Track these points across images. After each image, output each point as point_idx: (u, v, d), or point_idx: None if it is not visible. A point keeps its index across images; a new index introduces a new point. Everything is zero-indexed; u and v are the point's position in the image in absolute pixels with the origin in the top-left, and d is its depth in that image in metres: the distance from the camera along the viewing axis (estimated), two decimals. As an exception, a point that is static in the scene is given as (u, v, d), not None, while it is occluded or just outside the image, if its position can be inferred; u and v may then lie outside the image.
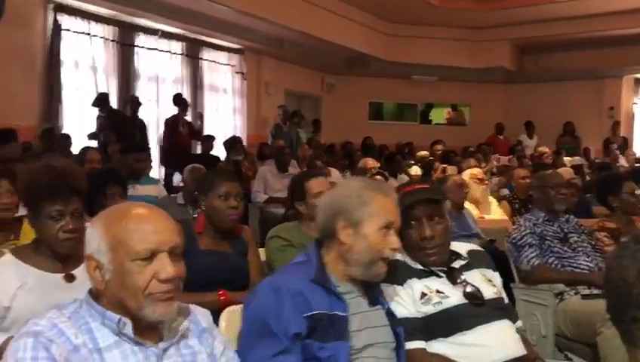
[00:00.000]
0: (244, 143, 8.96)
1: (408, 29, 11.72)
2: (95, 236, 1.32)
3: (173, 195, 5.07)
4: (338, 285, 1.67)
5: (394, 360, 1.72)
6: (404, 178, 6.96)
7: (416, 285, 1.88)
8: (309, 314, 1.57)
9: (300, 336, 1.56)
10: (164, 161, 8.37)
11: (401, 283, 1.86)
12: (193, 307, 1.48)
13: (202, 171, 4.70)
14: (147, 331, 1.33)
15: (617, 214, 3.63)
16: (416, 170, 8.05)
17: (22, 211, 2.92)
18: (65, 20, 7.54)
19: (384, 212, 1.69)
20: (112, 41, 8.20)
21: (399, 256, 1.89)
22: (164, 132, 8.40)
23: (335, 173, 6.71)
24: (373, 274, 1.69)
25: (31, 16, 7.23)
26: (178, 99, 8.52)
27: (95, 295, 1.35)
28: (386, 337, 1.71)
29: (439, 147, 9.62)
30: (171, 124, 8.32)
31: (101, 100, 7.48)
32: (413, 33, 11.72)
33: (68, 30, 7.58)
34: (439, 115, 13.98)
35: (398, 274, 1.85)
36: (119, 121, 7.49)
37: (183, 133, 8.24)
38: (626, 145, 11.37)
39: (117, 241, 1.29)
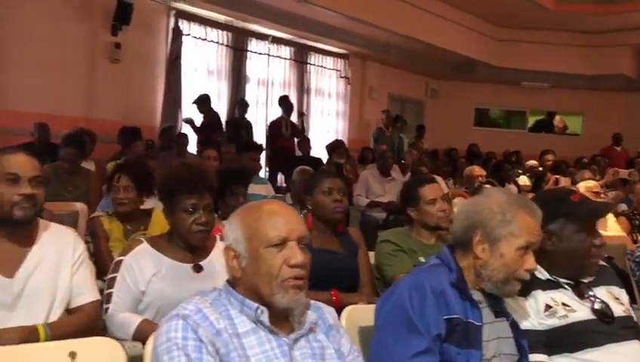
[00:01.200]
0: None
1: (519, 33, 11.31)
2: (233, 228, 1.45)
3: (280, 195, 5.24)
4: (471, 293, 1.66)
5: (516, 373, 1.69)
6: (512, 188, 6.73)
7: (541, 297, 1.83)
8: (448, 316, 1.58)
9: (440, 338, 1.56)
10: (269, 161, 8.64)
11: (525, 295, 1.82)
12: (320, 304, 1.55)
13: (310, 172, 4.81)
14: (280, 321, 1.42)
15: None
16: (524, 180, 7.76)
17: (148, 204, 3.17)
18: (185, 26, 8.01)
19: (526, 232, 1.63)
20: (226, 45, 8.62)
21: None
22: (268, 134, 8.67)
23: (439, 180, 6.61)
24: (505, 291, 1.67)
25: (155, 22, 7.75)
26: (282, 102, 8.75)
27: (232, 285, 1.45)
28: (511, 349, 1.68)
29: (549, 157, 9.14)
30: (274, 126, 8.56)
31: (201, 100, 7.80)
32: (525, 38, 11.30)
33: (188, 35, 8.05)
34: (551, 124, 13.39)
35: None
36: (216, 122, 7.80)
37: (286, 136, 8.44)
38: None
39: (252, 231, 1.42)
